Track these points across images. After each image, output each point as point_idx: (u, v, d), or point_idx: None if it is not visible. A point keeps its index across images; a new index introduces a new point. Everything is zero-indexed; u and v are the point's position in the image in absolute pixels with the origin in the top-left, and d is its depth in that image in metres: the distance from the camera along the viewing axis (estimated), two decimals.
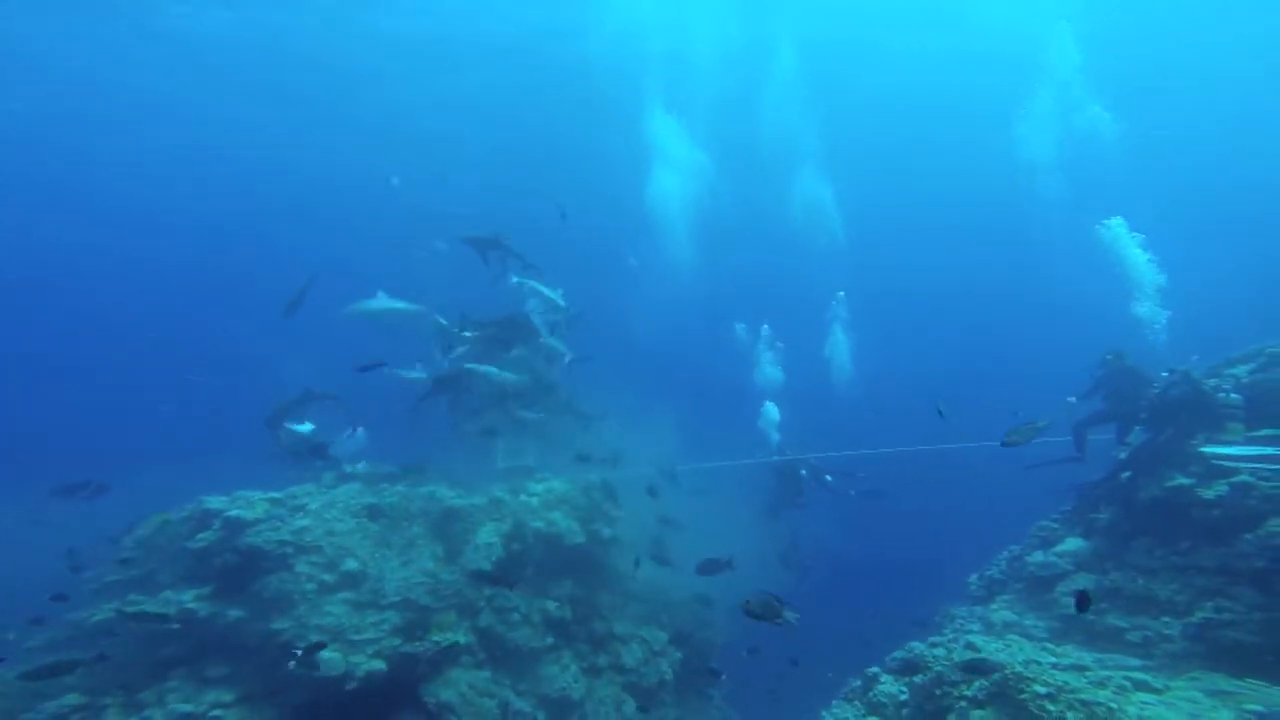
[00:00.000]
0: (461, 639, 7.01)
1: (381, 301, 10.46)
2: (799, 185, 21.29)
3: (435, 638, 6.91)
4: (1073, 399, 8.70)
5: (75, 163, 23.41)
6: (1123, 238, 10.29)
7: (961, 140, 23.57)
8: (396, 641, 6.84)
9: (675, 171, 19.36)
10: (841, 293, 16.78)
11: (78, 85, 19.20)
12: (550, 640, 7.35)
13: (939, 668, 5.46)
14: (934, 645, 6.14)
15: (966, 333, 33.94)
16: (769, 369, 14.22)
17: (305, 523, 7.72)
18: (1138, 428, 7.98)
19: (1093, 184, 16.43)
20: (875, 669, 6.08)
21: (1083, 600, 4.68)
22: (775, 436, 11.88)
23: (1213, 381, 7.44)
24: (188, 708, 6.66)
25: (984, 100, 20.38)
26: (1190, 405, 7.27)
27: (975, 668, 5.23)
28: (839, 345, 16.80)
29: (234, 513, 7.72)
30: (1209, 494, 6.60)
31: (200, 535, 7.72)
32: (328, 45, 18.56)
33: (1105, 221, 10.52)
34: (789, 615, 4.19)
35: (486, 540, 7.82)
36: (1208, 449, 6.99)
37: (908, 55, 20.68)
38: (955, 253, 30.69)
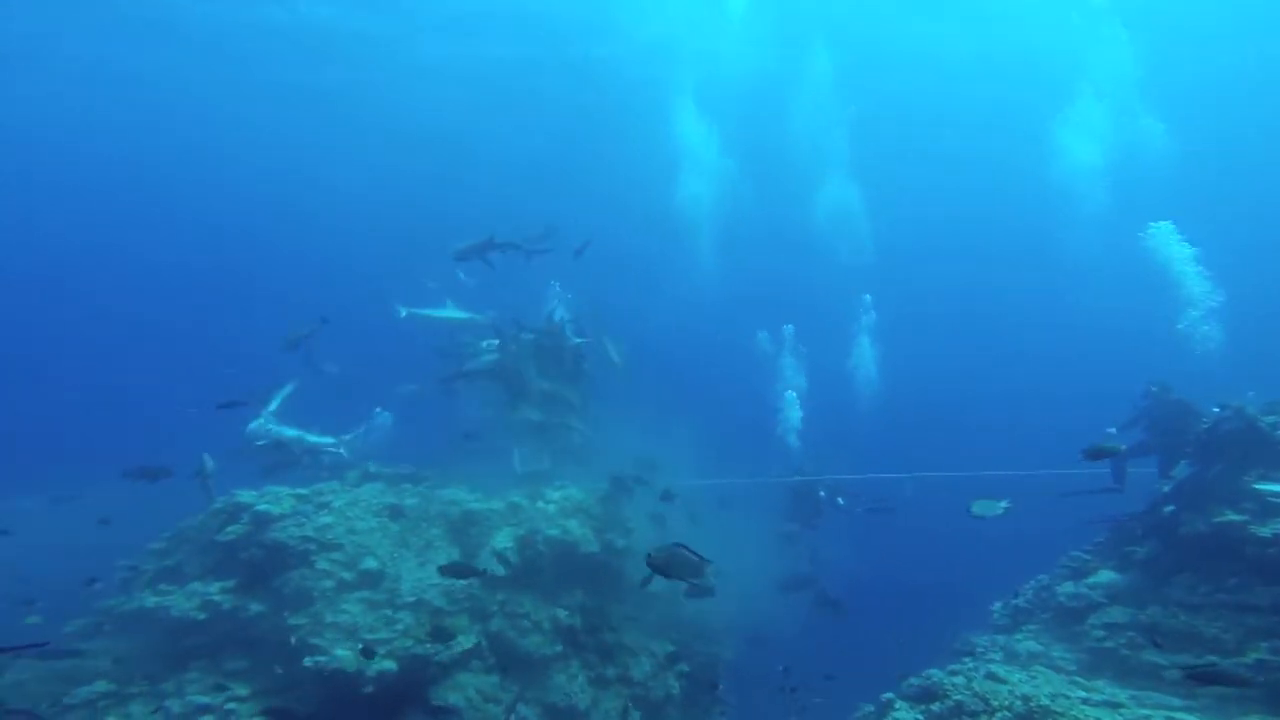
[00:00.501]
0: (472, 643, 7.02)
1: (449, 310, 10.83)
2: (826, 192, 20.95)
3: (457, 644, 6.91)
4: (1113, 430, 8.42)
5: (72, 159, 24.15)
6: (1170, 244, 9.80)
7: (998, 148, 22.77)
8: (409, 643, 6.88)
9: (703, 176, 19.33)
10: (868, 296, 16.40)
11: (76, 82, 19.75)
12: (559, 648, 7.30)
13: (958, 696, 5.21)
14: (953, 673, 5.86)
15: (995, 350, 32.71)
16: (791, 376, 13.92)
17: (328, 520, 7.91)
18: (1182, 461, 7.64)
19: (1139, 197, 15.60)
20: (890, 695, 5.83)
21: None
22: (795, 442, 11.66)
23: (1271, 418, 7.12)
24: (205, 699, 6.81)
25: (1023, 106, 19.71)
26: (1244, 441, 7.00)
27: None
28: (865, 356, 16.39)
29: (262, 507, 7.98)
30: (1264, 531, 6.28)
31: (229, 528, 7.99)
32: (328, 43, 18.98)
33: (1151, 227, 10.06)
34: (706, 569, 3.85)
35: (502, 545, 7.87)
36: (1264, 486, 6.67)
37: (943, 56, 20.17)
38: (985, 266, 29.53)
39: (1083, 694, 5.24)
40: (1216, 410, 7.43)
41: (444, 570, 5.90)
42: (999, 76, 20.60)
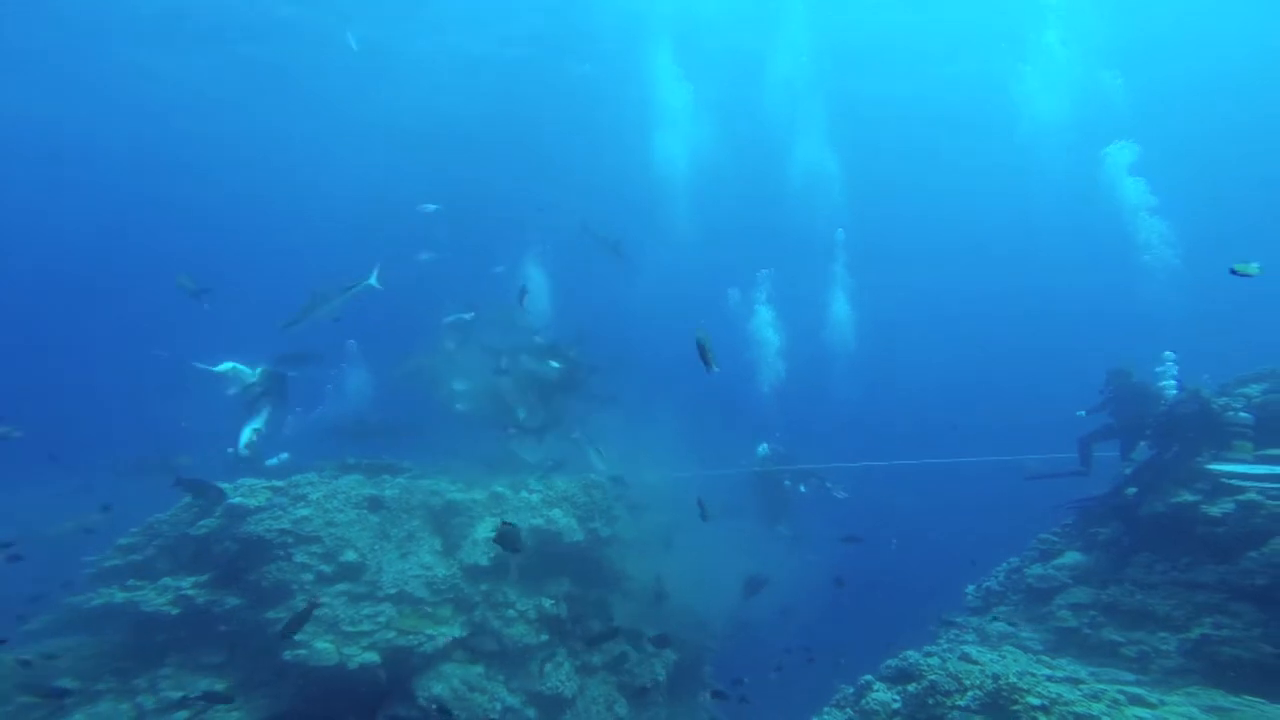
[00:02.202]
0: (456, 634, 7.03)
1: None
2: (800, 156, 20.46)
3: (430, 630, 6.93)
4: (1082, 412, 8.65)
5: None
6: (1121, 170, 9.73)
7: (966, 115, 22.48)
8: (391, 634, 6.86)
9: (681, 141, 18.87)
10: (840, 231, 16.19)
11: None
12: (545, 637, 7.36)
13: (933, 676, 5.42)
14: (929, 654, 6.10)
15: (969, 337, 33.33)
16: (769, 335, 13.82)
17: (306, 512, 7.77)
18: (1142, 443, 7.94)
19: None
20: (869, 677, 6.04)
21: None
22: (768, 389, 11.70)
23: (1223, 400, 7.40)
24: (180, 694, 6.70)
25: (986, 59, 19.65)
26: (1198, 423, 7.22)
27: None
28: (840, 312, 16.33)
29: (236, 500, 7.79)
30: (1214, 511, 6.53)
31: (202, 522, 7.80)
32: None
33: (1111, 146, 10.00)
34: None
35: (485, 535, 7.85)
36: (1215, 466, 6.93)
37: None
38: (955, 248, 29.59)
39: (1047, 672, 5.50)
40: (1173, 392, 7.71)
41: (284, 630, 5.71)
42: (963, 32, 20.22)
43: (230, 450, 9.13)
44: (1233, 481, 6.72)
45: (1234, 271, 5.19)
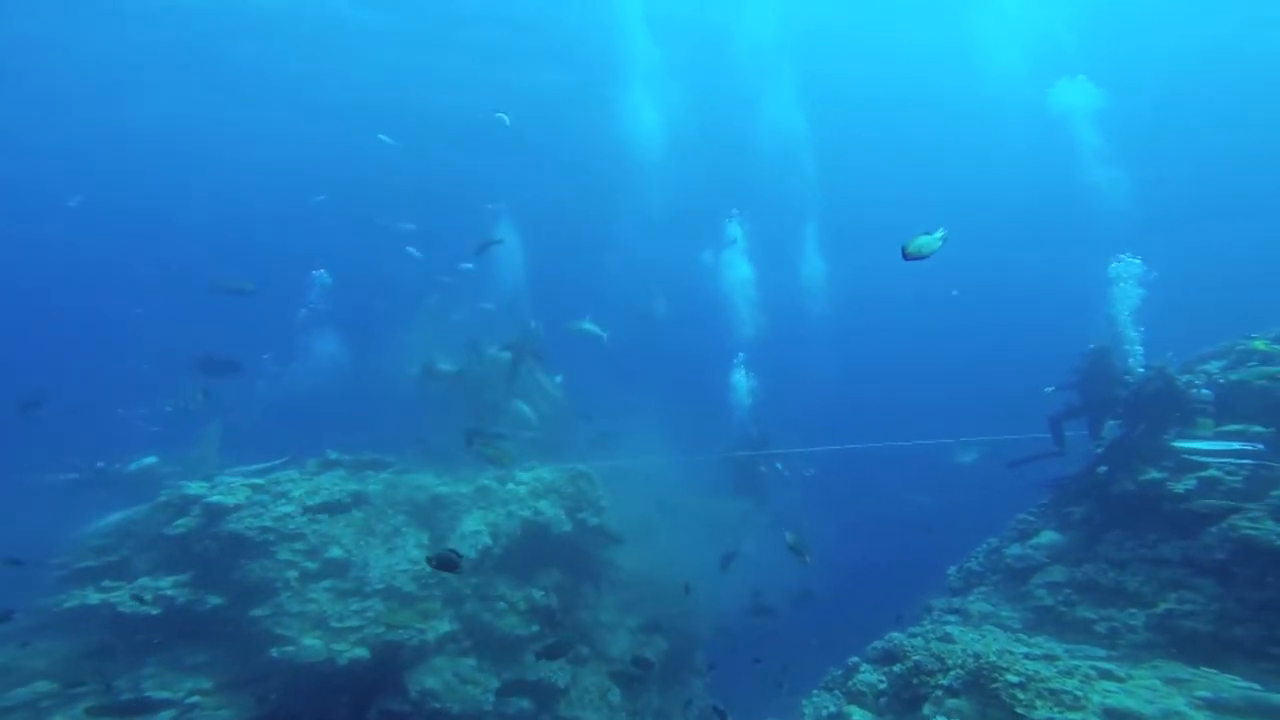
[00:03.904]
0: (446, 627, 7.03)
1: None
2: (769, 116, 19.63)
3: (420, 624, 6.91)
4: (1051, 389, 8.77)
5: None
6: (1078, 108, 9.26)
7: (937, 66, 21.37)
8: (380, 629, 6.83)
9: (651, 109, 18.15)
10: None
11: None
12: (536, 628, 7.39)
13: (917, 657, 5.60)
14: (912, 635, 6.29)
15: (942, 317, 33.54)
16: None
17: (288, 509, 7.63)
18: (1111, 421, 8.12)
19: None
20: (855, 659, 6.22)
21: None
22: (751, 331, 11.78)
23: (1186, 377, 7.60)
24: (165, 694, 6.60)
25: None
26: (1164, 400, 7.38)
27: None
28: (815, 269, 16.19)
29: (214, 499, 7.60)
30: (1179, 488, 6.70)
31: (179, 521, 7.60)
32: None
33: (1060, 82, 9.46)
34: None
35: (472, 528, 7.80)
36: (1179, 443, 7.11)
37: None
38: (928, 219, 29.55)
39: (1025, 649, 5.72)
40: (1140, 370, 7.89)
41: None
42: None
43: (100, 464, 9.16)
44: (1195, 458, 6.92)
45: (907, 254, 3.75)
